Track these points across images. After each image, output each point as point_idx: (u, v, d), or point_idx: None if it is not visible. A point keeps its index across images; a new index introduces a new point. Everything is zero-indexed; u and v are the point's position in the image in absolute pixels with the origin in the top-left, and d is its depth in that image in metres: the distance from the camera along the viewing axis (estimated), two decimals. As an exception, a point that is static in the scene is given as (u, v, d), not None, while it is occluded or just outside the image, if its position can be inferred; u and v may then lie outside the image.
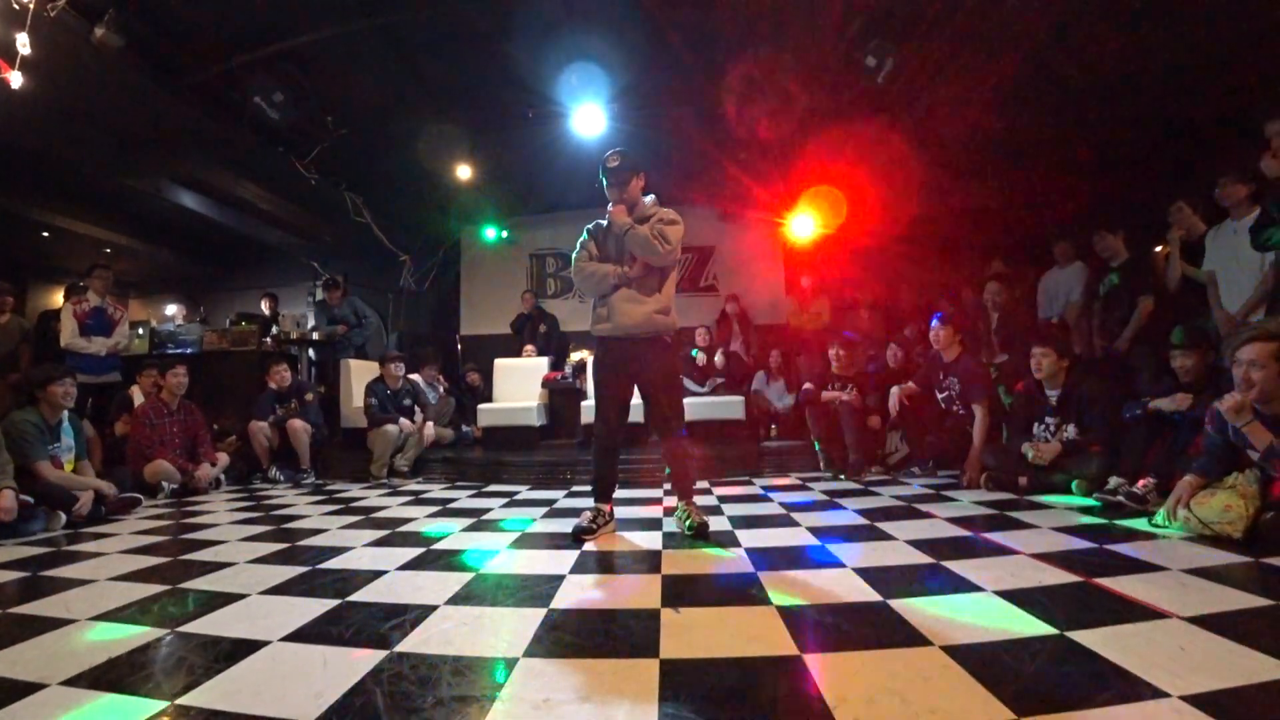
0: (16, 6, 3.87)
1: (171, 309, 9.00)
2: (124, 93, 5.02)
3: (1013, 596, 1.88)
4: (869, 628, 1.70)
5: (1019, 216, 7.31)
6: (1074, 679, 1.36)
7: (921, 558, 2.40)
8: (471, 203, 8.00)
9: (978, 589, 1.98)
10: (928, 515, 3.24)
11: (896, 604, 1.86)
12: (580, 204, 8.92)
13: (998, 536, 2.69)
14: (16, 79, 3.74)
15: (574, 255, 3.19)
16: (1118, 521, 2.91)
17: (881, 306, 7.87)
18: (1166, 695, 1.25)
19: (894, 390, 4.73)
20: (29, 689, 1.44)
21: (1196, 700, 1.22)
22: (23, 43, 3.74)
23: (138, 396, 5.38)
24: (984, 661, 1.43)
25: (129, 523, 3.68)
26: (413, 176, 6.91)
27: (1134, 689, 1.28)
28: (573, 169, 6.53)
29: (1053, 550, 2.43)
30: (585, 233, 3.22)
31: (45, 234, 8.09)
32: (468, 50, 4.91)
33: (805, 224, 8.22)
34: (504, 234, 9.08)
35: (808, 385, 5.12)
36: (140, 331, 6.90)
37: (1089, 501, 3.39)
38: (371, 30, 4.65)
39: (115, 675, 1.52)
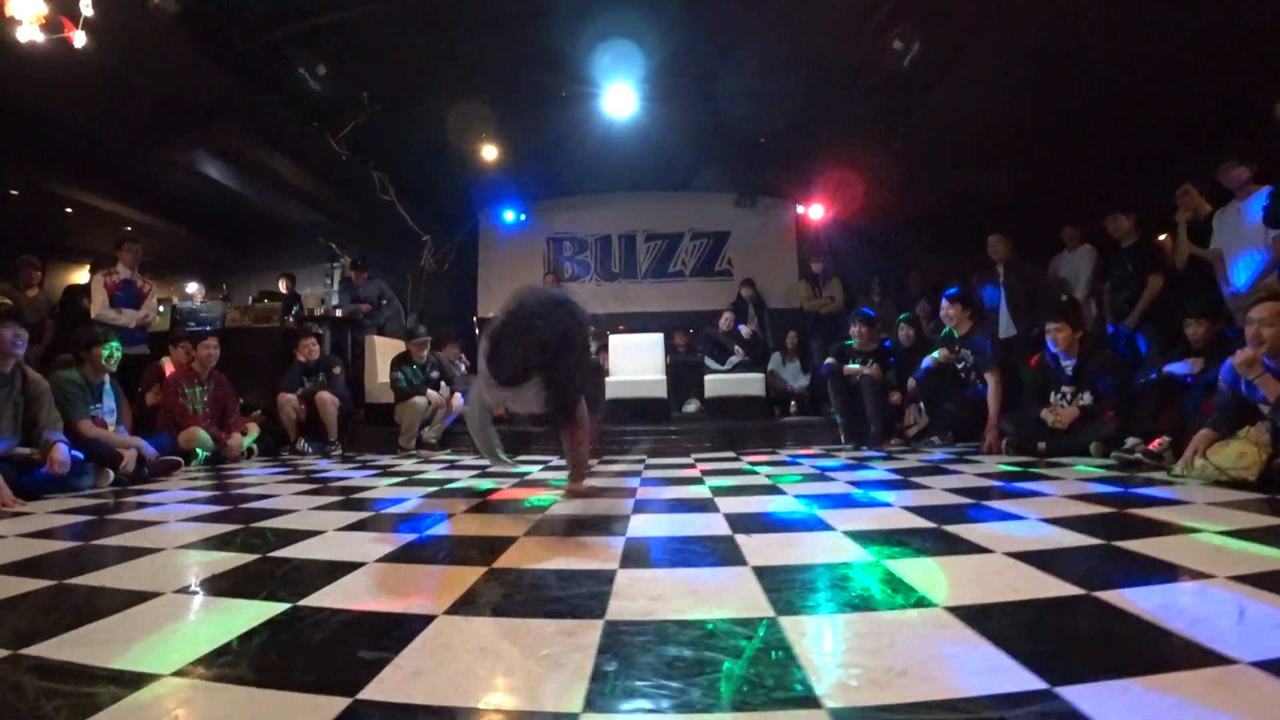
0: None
1: (192, 287, 9.02)
2: (169, 61, 5.04)
3: (1056, 522, 2.00)
4: (931, 543, 1.81)
5: (1030, 201, 7.40)
6: (1127, 570, 1.51)
7: (961, 499, 2.52)
8: (493, 185, 8.06)
9: (1022, 518, 2.11)
10: (956, 472, 3.37)
11: (950, 528, 1.98)
12: (600, 189, 9.07)
13: (1028, 485, 2.81)
14: (80, 39, 3.76)
15: None
16: (1137, 475, 3.05)
17: (892, 290, 7.98)
18: (1211, 576, 1.40)
19: (930, 357, 4.86)
20: (147, 595, 1.49)
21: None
22: (86, 4, 3.76)
23: (169, 368, 5.43)
24: (1045, 561, 1.55)
25: (173, 482, 3.75)
26: (439, 156, 6.97)
27: (1179, 574, 1.46)
28: (599, 151, 6.61)
29: (1083, 493, 2.56)
30: None
31: (68, 210, 8.10)
32: (503, 29, 4.98)
33: (818, 209, 8.32)
34: (522, 217, 9.15)
35: (830, 360, 5.21)
36: (161, 309, 6.93)
37: (1107, 461, 3.51)
38: (411, 6, 4.70)
39: (225, 585, 1.58)
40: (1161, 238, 5.19)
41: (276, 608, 1.38)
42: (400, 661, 1.07)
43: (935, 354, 4.83)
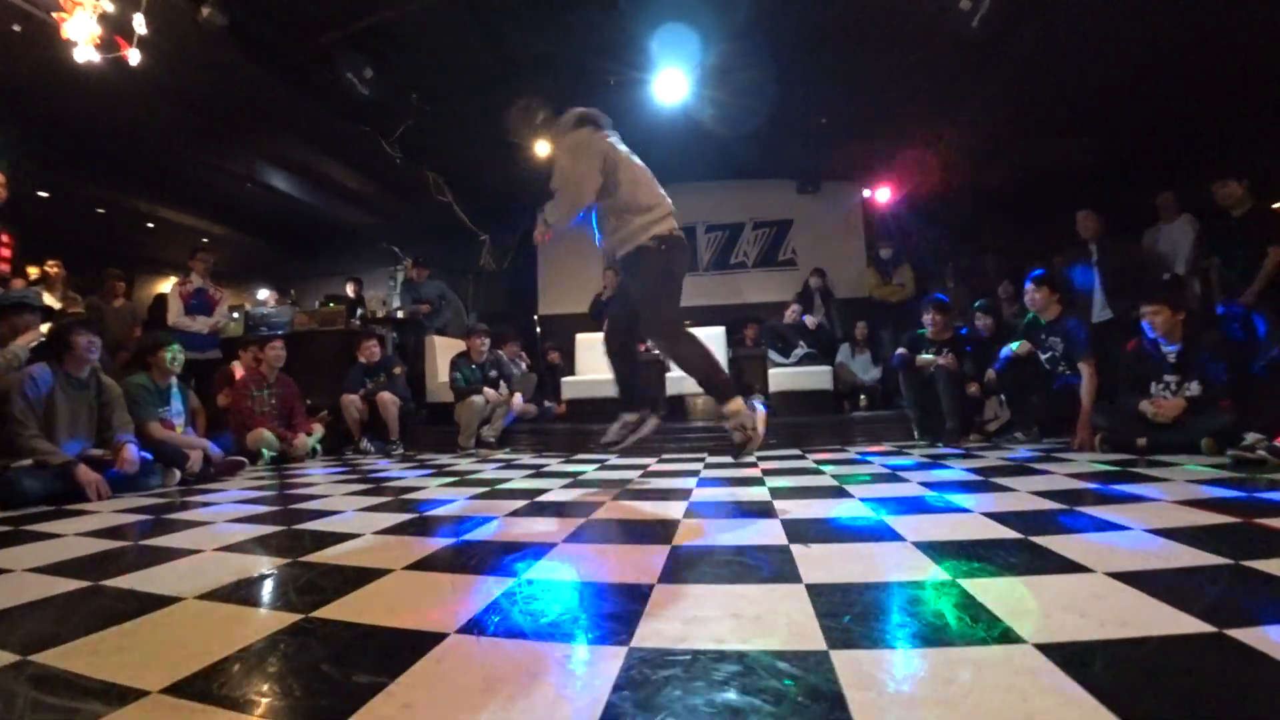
0: (133, -12, 4.04)
1: (263, 293, 9.47)
2: (221, 73, 5.23)
3: (1167, 534, 1.70)
4: (1018, 558, 1.55)
5: (1119, 169, 6.77)
6: (1266, 599, 1.22)
7: (1051, 504, 2.22)
8: (548, 181, 8.01)
9: (1124, 528, 1.80)
10: (1044, 472, 3.02)
11: (1039, 540, 1.70)
12: (657, 180, 8.89)
13: (1129, 488, 2.47)
14: (135, 56, 3.90)
15: None
16: (1260, 476, 2.63)
17: (968, 274, 7.50)
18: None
19: (1007, 348, 4.47)
20: (168, 600, 1.47)
21: None
22: (139, 22, 3.90)
23: (238, 372, 5.63)
24: (1158, 585, 1.28)
25: (236, 481, 3.83)
26: (492, 154, 6.96)
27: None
28: (653, 141, 6.43)
29: (1196, 497, 2.21)
30: None
31: (150, 225, 8.64)
32: (548, 17, 4.88)
33: (886, 191, 7.92)
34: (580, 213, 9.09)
35: (901, 350, 4.89)
36: (235, 315, 7.23)
37: (1221, 459, 3.09)
38: (452, 3, 4.67)
39: (245, 592, 1.54)
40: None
41: (287, 619, 1.32)
42: (394, 689, 0.96)
43: (1014, 345, 4.43)
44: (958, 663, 0.99)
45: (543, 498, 2.87)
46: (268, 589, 1.57)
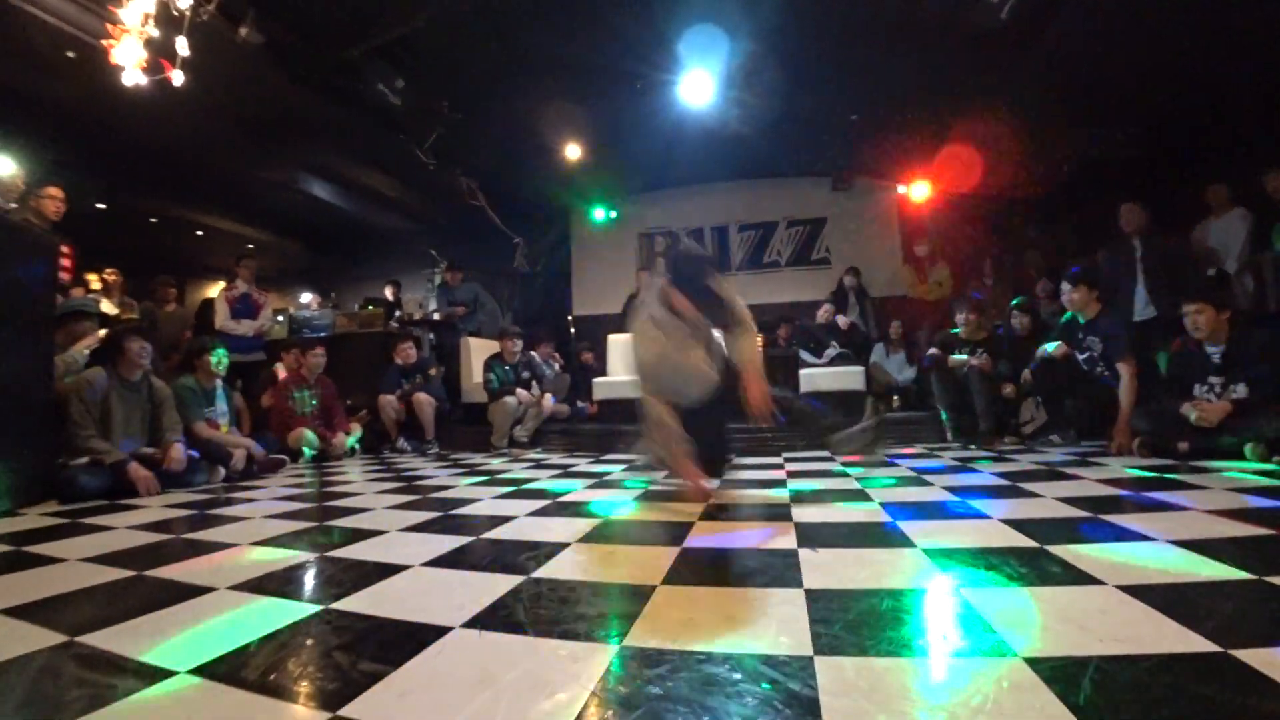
0: (175, 13, 4.26)
1: (306, 297, 9.81)
2: (260, 88, 5.47)
3: (1192, 546, 1.64)
4: (1029, 568, 1.53)
5: (1166, 160, 6.50)
6: None
7: (1075, 512, 2.16)
8: (580, 183, 8.14)
9: (1147, 539, 1.75)
10: (1075, 477, 2.94)
11: (1055, 549, 1.66)
12: (688, 180, 8.94)
13: (1162, 495, 2.39)
14: (178, 77, 4.10)
15: None
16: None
17: (1008, 271, 7.31)
18: None
19: (1043, 348, 4.35)
20: (203, 590, 1.58)
21: None
22: (182, 45, 4.10)
23: (282, 373, 5.84)
24: (1170, 600, 1.24)
25: (277, 479, 4.00)
26: (523, 158, 7.10)
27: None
28: (684, 142, 6.47)
29: (1232, 506, 2.12)
30: None
31: (199, 233, 9.05)
32: (573, 22, 4.93)
33: (921, 188, 7.77)
34: (612, 214, 9.17)
35: (934, 350, 4.81)
36: (280, 318, 7.50)
37: (1268, 466, 2.97)
38: (478, 10, 4.76)
39: (273, 584, 1.63)
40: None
41: (307, 610, 1.41)
42: (394, 678, 1.04)
43: (1049, 346, 4.30)
44: (941, 674, 1.00)
45: (566, 498, 2.93)
46: (293, 581, 1.67)
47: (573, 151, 6.90)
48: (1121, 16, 4.72)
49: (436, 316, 7.63)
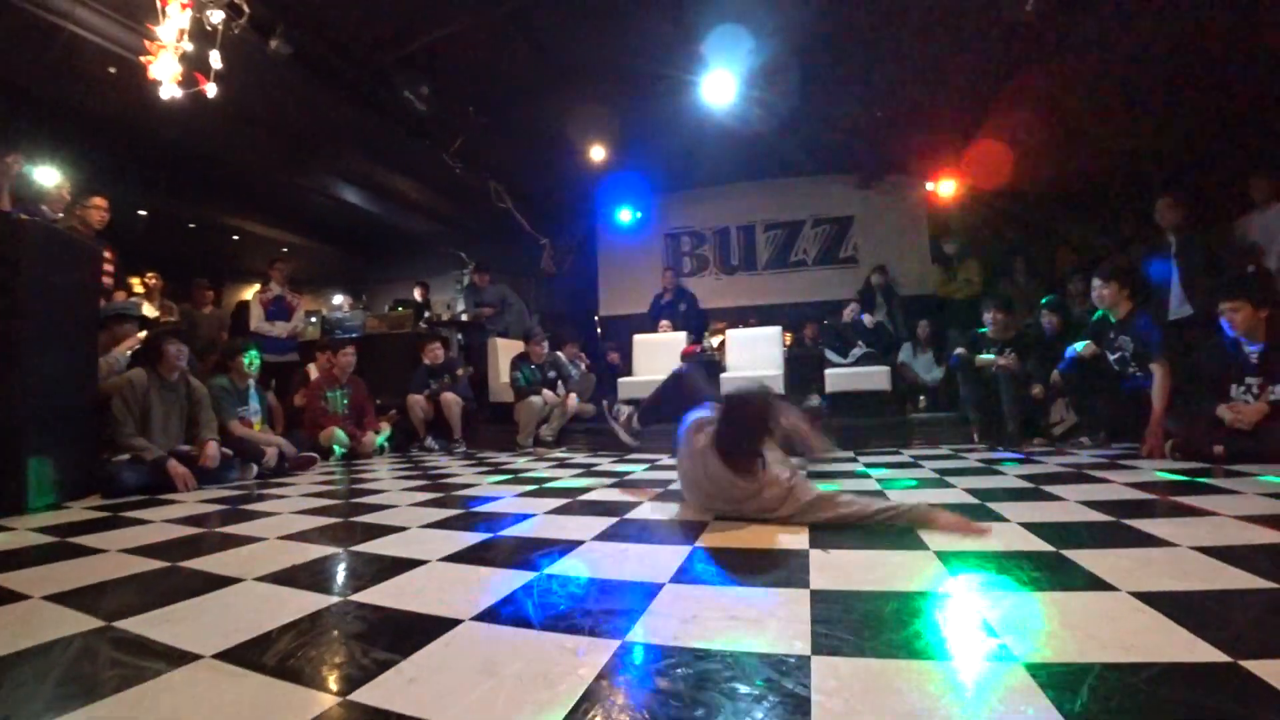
0: (208, 28, 4.42)
1: (338, 299, 10.05)
2: (291, 97, 5.64)
3: (1214, 552, 1.59)
4: (1042, 572, 1.51)
5: (1205, 152, 6.29)
6: None
7: (1098, 516, 2.11)
8: (605, 184, 8.21)
9: (1169, 544, 1.70)
10: (1102, 480, 2.88)
11: (1071, 554, 1.64)
12: (714, 180, 8.95)
13: (1191, 500, 2.31)
14: (212, 89, 4.26)
15: None
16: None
17: (1040, 269, 7.16)
18: None
19: (1072, 348, 4.26)
20: (231, 581, 1.66)
21: None
22: (215, 58, 4.26)
23: (314, 373, 5.99)
24: (1183, 608, 1.21)
25: (308, 476, 4.11)
26: (549, 161, 7.18)
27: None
28: (708, 142, 6.48)
29: (1264, 512, 2.04)
30: None
31: (235, 237, 9.34)
32: (595, 24, 4.99)
33: (950, 185, 7.64)
34: (637, 215, 9.22)
35: (960, 350, 4.74)
36: (313, 320, 7.70)
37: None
38: (502, 17, 4.84)
39: (297, 576, 1.69)
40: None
41: (326, 600, 1.47)
42: (404, 666, 1.08)
43: (1079, 345, 4.20)
44: (938, 676, 1.00)
45: (585, 496, 2.96)
46: (316, 573, 1.73)
47: (598, 153, 6.96)
48: (1155, 6, 4.60)
49: (464, 317, 7.75)
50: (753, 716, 0.87)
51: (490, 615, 1.33)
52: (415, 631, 1.24)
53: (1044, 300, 5.11)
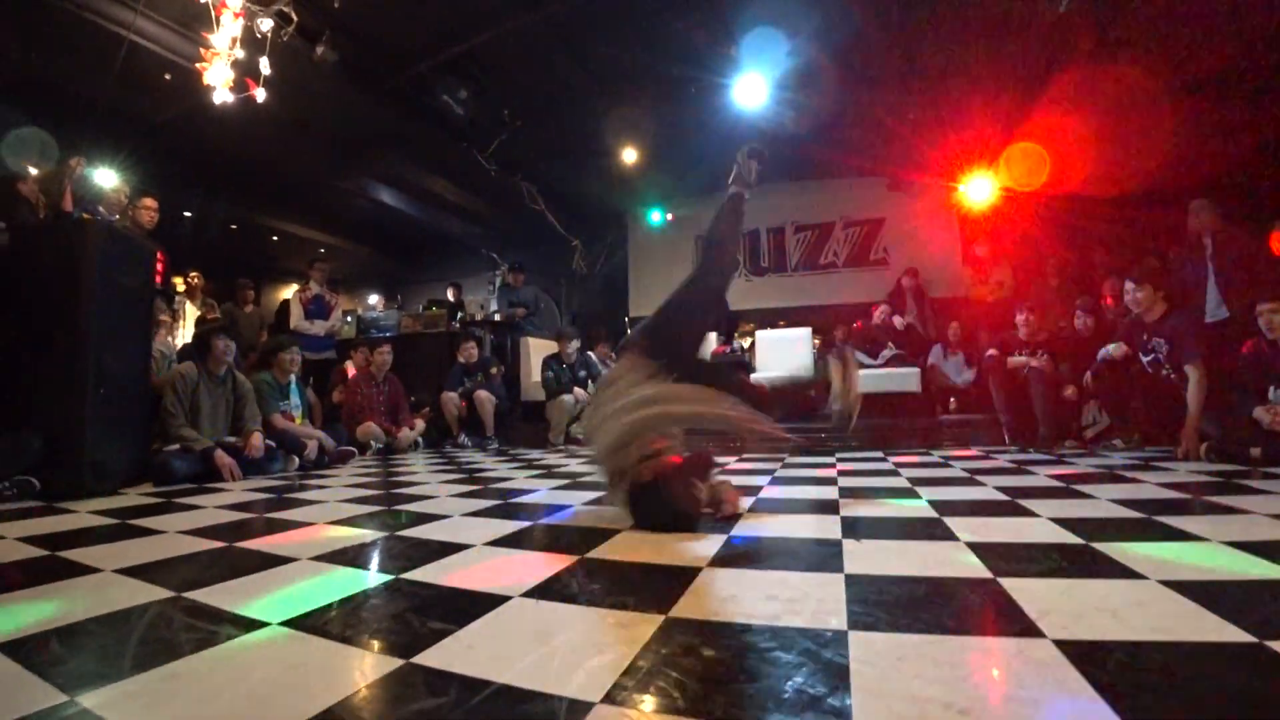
0: (259, 35, 4.60)
1: (373, 299, 10.28)
2: (334, 102, 5.84)
3: (1246, 547, 1.60)
4: (1072, 562, 1.53)
5: (1241, 155, 6.15)
6: None
7: (1129, 513, 2.11)
8: (637, 186, 8.28)
9: (1200, 539, 1.71)
10: (1134, 480, 2.86)
11: (1100, 546, 1.65)
12: (735, 184, 8.93)
13: (1224, 499, 2.30)
14: (261, 94, 4.44)
15: None
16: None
17: (1071, 270, 7.05)
18: None
19: (1105, 350, 4.22)
20: (286, 559, 1.75)
21: None
22: (265, 65, 4.43)
23: (351, 371, 6.17)
24: (1213, 596, 1.22)
25: (347, 469, 4.25)
26: (582, 163, 7.28)
27: None
28: (732, 141, 6.48)
29: None
30: None
31: (275, 238, 9.62)
32: (630, 29, 5.07)
33: (981, 187, 7.57)
34: (668, 216, 9.27)
35: (992, 351, 4.71)
36: (349, 319, 7.90)
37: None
38: (540, 22, 4.95)
39: (348, 557, 1.78)
40: None
41: (382, 578, 1.55)
42: (460, 634, 1.15)
43: (1111, 347, 4.16)
44: (970, 649, 1.03)
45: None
46: (367, 555, 1.81)
47: (629, 155, 7.05)
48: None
49: (497, 317, 7.88)
50: (795, 680, 0.92)
51: (538, 592, 1.39)
52: (468, 605, 1.31)
53: (1078, 302, 5.06)
